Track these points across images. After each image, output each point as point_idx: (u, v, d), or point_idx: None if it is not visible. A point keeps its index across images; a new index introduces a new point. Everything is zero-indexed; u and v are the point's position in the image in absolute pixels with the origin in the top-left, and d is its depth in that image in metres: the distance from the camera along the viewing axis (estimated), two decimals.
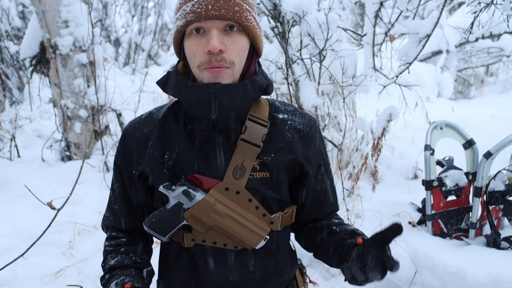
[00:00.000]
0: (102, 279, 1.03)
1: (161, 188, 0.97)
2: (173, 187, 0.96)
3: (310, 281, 1.26)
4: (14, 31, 6.54)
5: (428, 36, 2.59)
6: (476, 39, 5.81)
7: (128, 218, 1.08)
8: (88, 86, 3.93)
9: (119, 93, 5.17)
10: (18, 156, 4.33)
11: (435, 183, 2.30)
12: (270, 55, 3.45)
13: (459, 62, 7.06)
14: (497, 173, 2.17)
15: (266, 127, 0.99)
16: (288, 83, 2.90)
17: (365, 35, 3.06)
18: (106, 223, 1.12)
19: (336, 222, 1.10)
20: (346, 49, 3.11)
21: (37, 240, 2.29)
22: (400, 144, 3.71)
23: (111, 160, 3.38)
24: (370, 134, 3.20)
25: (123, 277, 0.99)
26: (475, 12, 2.34)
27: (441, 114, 4.39)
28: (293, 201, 1.09)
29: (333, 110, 3.39)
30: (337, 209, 1.16)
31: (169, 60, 10.97)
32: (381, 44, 3.20)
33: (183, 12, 0.90)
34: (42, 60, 4.01)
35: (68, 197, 2.43)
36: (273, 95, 3.21)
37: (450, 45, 6.05)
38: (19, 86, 6.27)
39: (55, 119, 4.15)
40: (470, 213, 2.32)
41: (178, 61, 1.02)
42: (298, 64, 2.93)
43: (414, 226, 2.49)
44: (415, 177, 3.30)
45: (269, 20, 2.89)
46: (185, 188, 0.96)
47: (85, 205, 3.21)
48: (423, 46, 2.64)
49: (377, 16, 2.94)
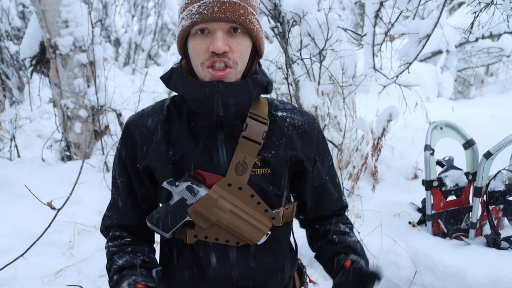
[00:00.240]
0: (111, 281, 0.99)
1: (165, 184, 0.98)
2: (177, 183, 0.98)
3: (310, 281, 1.27)
4: (14, 31, 6.54)
5: (428, 36, 2.59)
6: (476, 39, 5.81)
7: (134, 214, 1.07)
8: (88, 86, 3.93)
9: (119, 93, 5.16)
10: (18, 156, 4.33)
11: (435, 183, 2.30)
12: (270, 55, 3.45)
13: (459, 62, 7.06)
14: (497, 173, 2.17)
15: (266, 125, 1.01)
16: (288, 83, 2.90)
17: (365, 35, 3.06)
18: (108, 223, 1.09)
19: (338, 230, 1.11)
20: (346, 49, 3.11)
21: (37, 240, 2.29)
22: (400, 144, 3.70)
23: (111, 160, 3.37)
24: (370, 134, 3.20)
25: (135, 277, 0.96)
26: (475, 12, 2.34)
27: (441, 114, 4.38)
28: (295, 198, 1.12)
29: (333, 110, 3.39)
30: (344, 205, 1.17)
31: (169, 60, 11.00)
32: (381, 44, 3.20)
33: (189, 13, 0.92)
34: (42, 60, 4.01)
35: (68, 197, 2.43)
36: (273, 95, 3.21)
37: (450, 45, 6.05)
38: (19, 86, 6.27)
39: (55, 119, 4.15)
40: (470, 213, 2.32)
41: (181, 59, 1.03)
42: (298, 64, 2.93)
43: (414, 226, 2.49)
44: (415, 177, 3.30)
45: (269, 20, 2.89)
46: (189, 184, 0.97)
47: (85, 205, 3.21)
48: (423, 46, 2.64)
49: (377, 16, 2.94)
